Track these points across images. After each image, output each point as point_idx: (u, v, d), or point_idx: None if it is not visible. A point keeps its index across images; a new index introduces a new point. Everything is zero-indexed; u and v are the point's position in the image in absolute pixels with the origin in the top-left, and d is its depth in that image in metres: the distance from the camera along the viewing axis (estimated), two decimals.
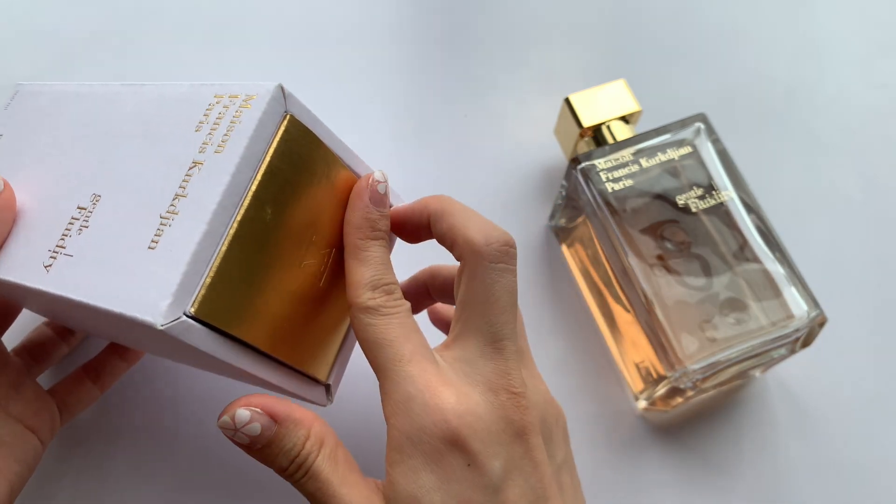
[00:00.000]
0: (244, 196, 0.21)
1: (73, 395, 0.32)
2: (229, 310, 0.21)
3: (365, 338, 0.23)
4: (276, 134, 0.22)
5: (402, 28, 0.46)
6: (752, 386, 0.38)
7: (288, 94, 0.23)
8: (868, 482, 0.36)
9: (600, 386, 0.37)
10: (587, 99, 0.39)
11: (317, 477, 0.22)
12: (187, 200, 0.21)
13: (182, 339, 0.20)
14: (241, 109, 0.22)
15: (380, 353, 0.23)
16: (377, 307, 0.23)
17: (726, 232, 0.34)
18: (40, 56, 0.44)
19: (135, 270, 0.21)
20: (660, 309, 0.32)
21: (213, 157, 0.21)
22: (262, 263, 0.22)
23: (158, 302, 0.19)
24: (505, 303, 0.24)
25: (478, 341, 0.24)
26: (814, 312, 0.33)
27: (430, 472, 0.22)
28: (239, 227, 0.21)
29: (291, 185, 0.23)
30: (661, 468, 0.36)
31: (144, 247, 0.21)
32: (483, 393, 0.23)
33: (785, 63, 0.47)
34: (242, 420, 0.22)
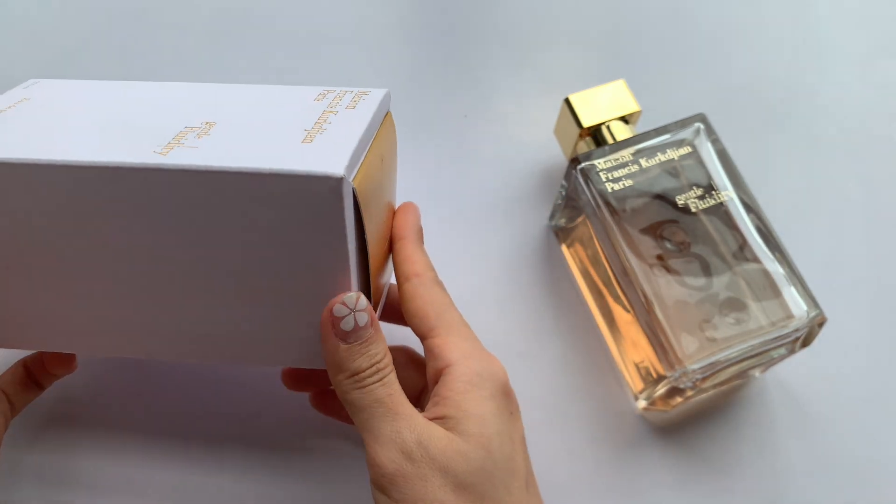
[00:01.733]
0: (373, 138, 0.26)
1: (22, 396, 0.31)
2: (365, 193, 0.24)
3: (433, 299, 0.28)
4: (384, 121, 0.29)
5: (401, 28, 0.46)
6: (752, 386, 0.38)
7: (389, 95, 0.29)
8: (868, 482, 0.36)
9: (600, 386, 0.37)
10: (587, 99, 0.39)
11: (390, 385, 0.25)
12: (336, 118, 0.26)
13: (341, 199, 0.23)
14: (360, 95, 0.28)
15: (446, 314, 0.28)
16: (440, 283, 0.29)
17: (726, 232, 0.34)
18: (40, 56, 0.44)
19: (294, 152, 0.23)
20: (659, 309, 0.32)
21: (345, 112, 0.27)
22: (375, 185, 0.26)
23: (336, 165, 0.22)
24: None
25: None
26: (813, 312, 0.33)
27: (493, 403, 0.26)
28: (374, 145, 0.26)
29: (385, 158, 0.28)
30: (660, 468, 0.36)
31: (298, 141, 0.24)
32: (503, 370, 0.28)
33: (785, 63, 0.47)
34: (362, 304, 0.25)
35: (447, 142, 0.43)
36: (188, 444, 0.35)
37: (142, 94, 0.30)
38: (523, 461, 0.27)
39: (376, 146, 0.27)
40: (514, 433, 0.26)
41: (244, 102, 0.28)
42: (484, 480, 0.24)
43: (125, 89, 0.31)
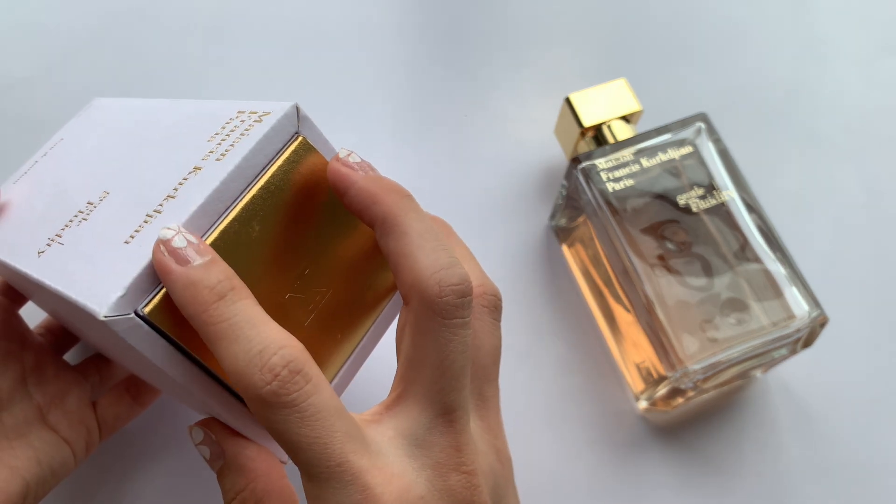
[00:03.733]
0: (232, 206, 0.20)
1: (112, 409, 0.31)
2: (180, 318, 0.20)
3: (276, 437, 0.19)
4: (284, 152, 0.21)
5: (402, 28, 0.46)
6: (753, 386, 0.38)
7: (303, 115, 0.22)
8: (868, 482, 0.36)
9: (601, 386, 0.37)
10: (587, 99, 0.38)
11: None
12: (175, 201, 0.20)
13: (124, 336, 0.19)
14: (254, 123, 0.22)
15: (301, 456, 0.19)
16: (278, 397, 0.18)
17: (727, 232, 0.34)
18: (41, 56, 0.44)
19: (103, 261, 0.20)
20: (660, 309, 0.32)
21: (212, 163, 0.21)
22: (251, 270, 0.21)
23: (109, 293, 0.19)
24: (459, 368, 0.21)
25: (427, 413, 0.21)
26: (815, 312, 0.33)
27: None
28: (219, 235, 0.20)
29: (289, 208, 0.21)
30: (661, 468, 0.36)
31: (122, 241, 0.20)
32: (430, 479, 0.20)
33: (786, 63, 0.47)
34: (196, 438, 0.22)
35: (447, 142, 0.43)
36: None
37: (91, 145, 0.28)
38: None
39: (252, 204, 0.20)
40: None
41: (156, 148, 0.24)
42: None
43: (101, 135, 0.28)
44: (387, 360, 0.28)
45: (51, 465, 0.28)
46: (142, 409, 0.32)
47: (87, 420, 0.30)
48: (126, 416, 0.32)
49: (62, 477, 0.29)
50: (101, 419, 0.31)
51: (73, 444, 0.29)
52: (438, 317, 0.20)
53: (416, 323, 0.20)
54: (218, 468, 0.21)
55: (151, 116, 0.27)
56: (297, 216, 0.22)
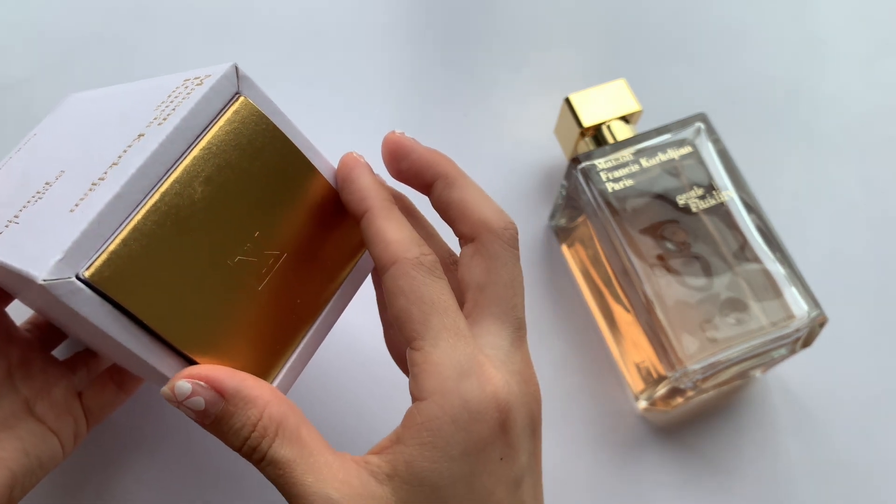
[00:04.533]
0: (173, 168, 0.20)
1: (97, 399, 0.32)
2: (131, 282, 0.20)
3: (417, 296, 0.21)
4: (224, 113, 0.21)
5: (401, 28, 0.46)
6: (753, 386, 0.38)
7: (243, 75, 0.22)
8: (868, 482, 0.36)
9: (600, 386, 0.37)
10: (587, 99, 0.39)
11: (275, 463, 0.20)
12: (117, 168, 0.20)
13: (65, 301, 0.19)
14: (195, 87, 0.22)
15: (434, 317, 0.21)
16: (431, 267, 0.22)
17: (727, 232, 0.34)
18: (41, 56, 0.44)
19: (50, 232, 0.20)
20: (660, 309, 0.32)
21: (154, 129, 0.21)
22: (182, 244, 0.20)
23: (49, 258, 0.19)
24: (523, 289, 0.24)
25: (507, 328, 0.23)
26: (814, 312, 0.33)
27: (464, 462, 0.20)
28: (160, 197, 0.20)
29: (234, 169, 0.21)
30: (661, 468, 0.36)
31: (67, 210, 0.20)
32: (519, 384, 0.22)
33: (785, 63, 0.47)
34: (183, 393, 0.20)
35: (447, 142, 0.43)
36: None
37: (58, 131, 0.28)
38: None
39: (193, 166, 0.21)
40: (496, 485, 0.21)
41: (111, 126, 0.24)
42: None
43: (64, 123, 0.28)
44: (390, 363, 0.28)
45: (38, 456, 0.28)
46: (126, 396, 0.32)
47: (74, 410, 0.30)
48: (111, 403, 0.32)
49: (50, 468, 0.29)
50: (87, 408, 0.31)
51: (60, 435, 0.29)
52: (506, 244, 0.23)
53: (488, 250, 0.23)
54: (217, 412, 0.20)
55: (113, 100, 0.27)
56: (243, 177, 0.22)
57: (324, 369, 0.36)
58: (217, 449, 0.34)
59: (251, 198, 0.22)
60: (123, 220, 0.20)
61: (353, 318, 0.32)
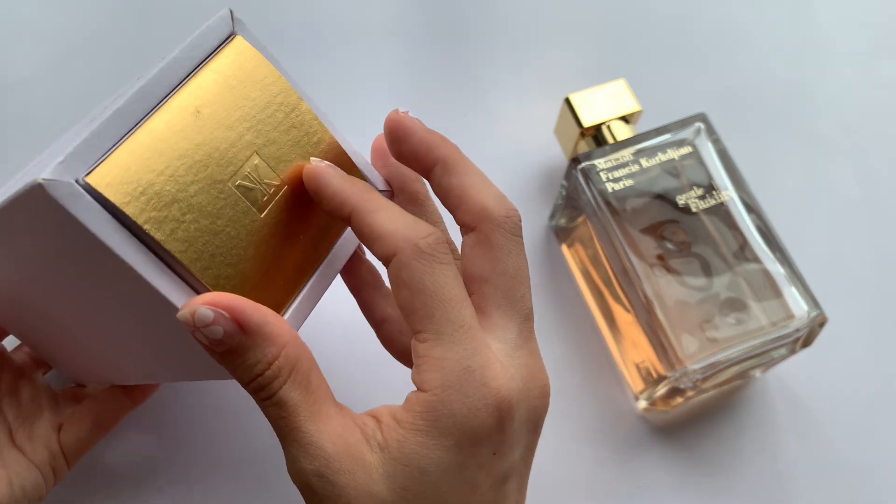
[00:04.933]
0: (174, 90, 0.21)
1: (73, 432, 0.30)
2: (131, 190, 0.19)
3: (420, 287, 0.20)
4: (224, 47, 0.23)
5: (401, 28, 0.46)
6: (753, 386, 0.38)
7: (238, 19, 0.23)
8: (868, 482, 0.36)
9: (600, 386, 0.37)
10: (587, 99, 0.39)
11: (281, 405, 0.20)
12: (116, 104, 0.21)
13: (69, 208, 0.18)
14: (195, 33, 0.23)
15: (438, 310, 0.20)
16: (434, 253, 0.21)
17: (726, 232, 0.34)
18: (41, 56, 0.44)
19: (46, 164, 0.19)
20: (660, 309, 0.32)
21: (152, 70, 0.22)
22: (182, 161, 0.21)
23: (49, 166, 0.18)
24: (529, 279, 0.23)
25: (514, 321, 0.22)
26: (814, 312, 0.33)
27: (456, 453, 0.20)
28: (162, 114, 0.20)
29: (234, 96, 0.22)
30: (661, 468, 0.36)
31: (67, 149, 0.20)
32: (523, 379, 0.22)
33: (785, 63, 0.47)
34: (203, 320, 0.19)
35: None
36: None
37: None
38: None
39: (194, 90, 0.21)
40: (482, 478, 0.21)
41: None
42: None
43: None
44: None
45: (22, 487, 0.28)
46: (103, 431, 0.31)
47: (51, 444, 0.30)
48: (87, 439, 0.31)
49: (35, 501, 0.28)
50: (64, 443, 0.30)
51: (40, 467, 0.29)
52: (509, 233, 0.22)
53: (490, 241, 0.22)
54: (235, 345, 0.20)
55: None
56: (242, 106, 0.22)
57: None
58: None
59: (250, 126, 0.23)
60: (125, 133, 0.20)
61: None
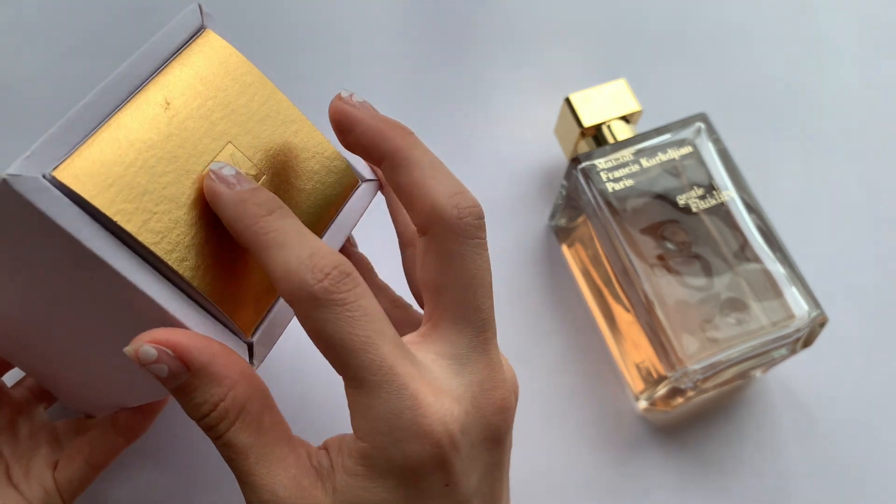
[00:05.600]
0: (143, 84, 0.21)
1: (66, 472, 0.30)
2: (100, 182, 0.19)
3: (324, 339, 0.19)
4: (194, 41, 0.22)
5: (401, 28, 0.46)
6: (753, 386, 0.38)
7: (207, 13, 0.23)
8: (868, 482, 0.36)
9: (600, 386, 0.37)
10: (587, 99, 0.39)
11: (230, 447, 0.19)
12: (85, 99, 0.21)
13: (35, 203, 0.18)
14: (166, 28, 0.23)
15: (350, 358, 0.19)
16: (329, 294, 0.18)
17: (727, 232, 0.34)
18: (41, 56, 0.44)
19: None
20: (660, 309, 0.32)
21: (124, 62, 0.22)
22: (153, 151, 0.20)
23: (12, 167, 0.18)
24: (487, 285, 0.21)
25: (465, 333, 0.21)
26: (814, 312, 0.33)
27: (399, 492, 0.19)
28: (133, 106, 0.20)
29: (205, 86, 0.22)
30: (661, 468, 0.36)
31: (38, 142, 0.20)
32: (473, 397, 0.20)
33: (785, 63, 0.47)
34: (147, 358, 0.18)
35: (447, 142, 0.43)
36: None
37: None
38: None
39: (165, 82, 0.21)
40: None
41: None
42: None
43: None
44: None
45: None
46: (96, 471, 0.30)
47: (45, 482, 0.29)
48: (80, 480, 0.30)
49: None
50: (59, 481, 0.29)
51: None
52: (462, 237, 0.20)
53: (441, 248, 0.20)
54: (181, 385, 0.19)
55: None
56: (213, 96, 0.22)
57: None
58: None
59: (223, 116, 0.22)
60: (93, 127, 0.20)
61: None
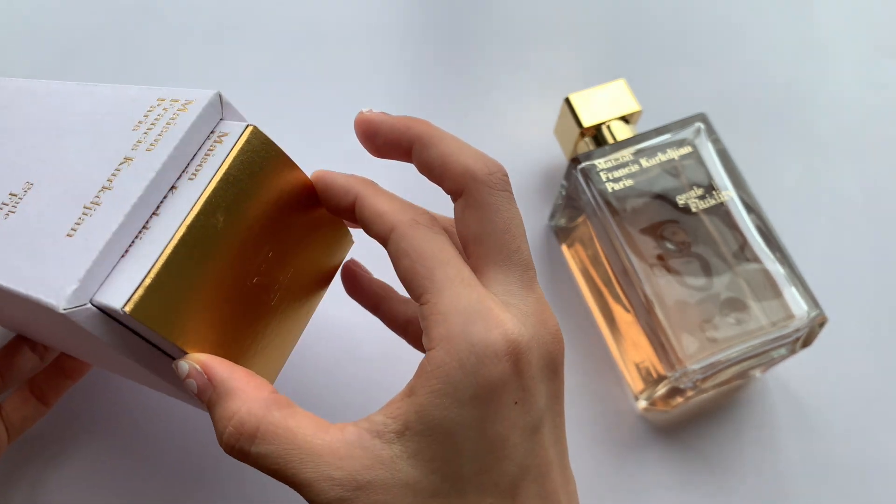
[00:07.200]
0: (196, 200, 0.21)
1: (19, 412, 0.31)
2: (164, 313, 0.20)
3: (419, 253, 0.21)
4: (237, 143, 0.22)
5: (402, 28, 0.46)
6: (753, 386, 0.38)
7: (226, 102, 0.23)
8: (868, 482, 0.36)
9: (600, 386, 0.37)
10: (587, 99, 0.39)
11: (264, 458, 0.20)
12: (112, 193, 0.21)
13: (82, 325, 0.20)
14: (178, 112, 0.22)
15: (439, 269, 0.21)
16: (428, 224, 0.22)
17: (726, 232, 0.34)
18: (41, 56, 0.44)
19: (48, 255, 0.21)
20: (660, 309, 0.32)
21: (143, 154, 0.22)
22: (207, 272, 0.21)
23: (64, 286, 0.20)
24: (522, 231, 0.23)
25: (513, 272, 0.22)
26: (814, 312, 0.33)
27: (474, 407, 0.20)
28: (186, 230, 0.21)
29: (248, 195, 0.22)
30: (661, 468, 0.36)
31: (63, 234, 0.21)
32: (534, 325, 0.21)
33: (785, 63, 0.47)
34: (181, 372, 0.21)
35: None
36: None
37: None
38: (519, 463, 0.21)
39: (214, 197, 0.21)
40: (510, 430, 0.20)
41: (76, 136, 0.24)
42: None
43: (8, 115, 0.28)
44: None
45: None
46: (47, 408, 0.32)
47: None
48: (33, 417, 0.32)
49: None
50: (8, 422, 0.31)
51: None
52: (494, 189, 0.22)
53: (476, 201, 0.22)
54: (207, 399, 0.21)
55: (65, 101, 0.26)
56: (256, 202, 0.22)
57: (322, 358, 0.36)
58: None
59: (264, 220, 0.23)
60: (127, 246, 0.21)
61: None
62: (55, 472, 0.34)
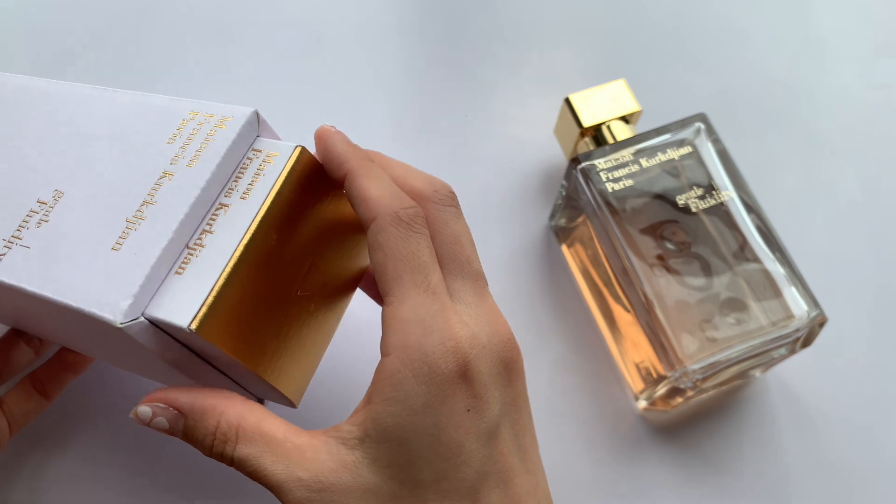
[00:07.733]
0: (252, 219, 0.22)
1: (20, 406, 0.32)
2: (224, 329, 0.21)
3: (393, 251, 0.22)
4: (288, 163, 0.23)
5: (402, 28, 0.46)
6: (753, 386, 0.38)
7: (263, 120, 0.24)
8: (868, 482, 0.36)
9: (600, 386, 0.37)
10: (587, 99, 0.39)
11: (243, 461, 0.21)
12: (155, 207, 0.22)
13: (136, 338, 0.20)
14: (216, 129, 0.23)
15: (407, 274, 0.21)
16: (411, 223, 0.22)
17: (726, 232, 0.34)
18: (41, 56, 0.44)
19: (96, 268, 0.21)
20: (660, 309, 0.32)
21: (184, 169, 0.22)
22: (261, 287, 0.22)
23: (119, 301, 0.20)
24: (472, 242, 0.24)
25: (466, 282, 0.23)
26: (814, 312, 0.33)
27: (426, 415, 0.20)
28: (244, 249, 0.21)
29: (297, 212, 0.23)
30: (661, 468, 0.36)
31: (108, 247, 0.21)
32: (487, 334, 0.22)
33: (785, 63, 0.47)
34: (145, 417, 0.22)
35: (447, 142, 0.43)
36: None
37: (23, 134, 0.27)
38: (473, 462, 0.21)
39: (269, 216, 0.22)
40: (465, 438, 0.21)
41: (103, 143, 0.24)
42: None
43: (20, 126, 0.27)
44: None
45: None
46: (49, 402, 0.33)
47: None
48: (35, 411, 0.32)
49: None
50: (10, 415, 0.31)
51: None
52: (440, 205, 0.24)
53: (427, 219, 0.23)
54: (182, 427, 0.22)
55: (83, 105, 0.26)
56: (304, 218, 0.23)
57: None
58: None
59: (309, 234, 0.24)
60: (172, 262, 0.21)
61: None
62: (56, 464, 0.34)
